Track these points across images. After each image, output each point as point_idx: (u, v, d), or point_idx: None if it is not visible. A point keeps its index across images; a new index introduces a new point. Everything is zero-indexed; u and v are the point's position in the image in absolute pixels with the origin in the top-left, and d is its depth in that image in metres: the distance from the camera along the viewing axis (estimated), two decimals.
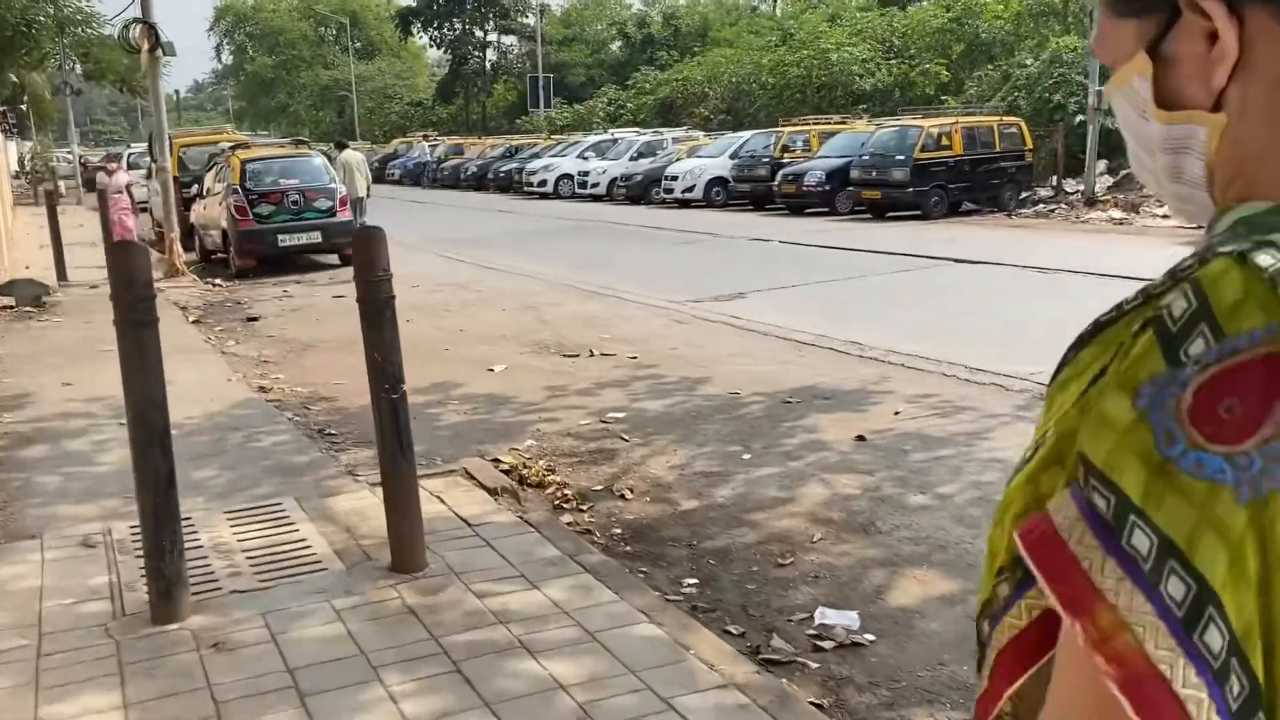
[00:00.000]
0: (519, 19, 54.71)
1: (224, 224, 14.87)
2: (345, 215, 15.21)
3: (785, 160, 22.42)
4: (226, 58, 70.89)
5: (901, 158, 18.79)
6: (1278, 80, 0.66)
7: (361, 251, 3.94)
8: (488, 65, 56.23)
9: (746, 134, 25.71)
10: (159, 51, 13.12)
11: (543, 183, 30.32)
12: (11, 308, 11.14)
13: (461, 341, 9.24)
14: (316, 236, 14.93)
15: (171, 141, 16.47)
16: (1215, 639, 0.57)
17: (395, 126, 58.42)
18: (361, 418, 6.76)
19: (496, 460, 5.70)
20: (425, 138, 41.69)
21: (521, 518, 4.67)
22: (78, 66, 35.85)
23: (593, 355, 8.51)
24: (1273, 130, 0.67)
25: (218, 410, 6.85)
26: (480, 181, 35.38)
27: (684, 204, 24.80)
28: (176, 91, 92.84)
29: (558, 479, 5.48)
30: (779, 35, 37.25)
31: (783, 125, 24.15)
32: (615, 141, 30.86)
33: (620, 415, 6.63)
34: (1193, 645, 0.57)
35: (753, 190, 23.08)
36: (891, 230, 17.31)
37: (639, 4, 54.77)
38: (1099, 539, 0.60)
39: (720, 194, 24.31)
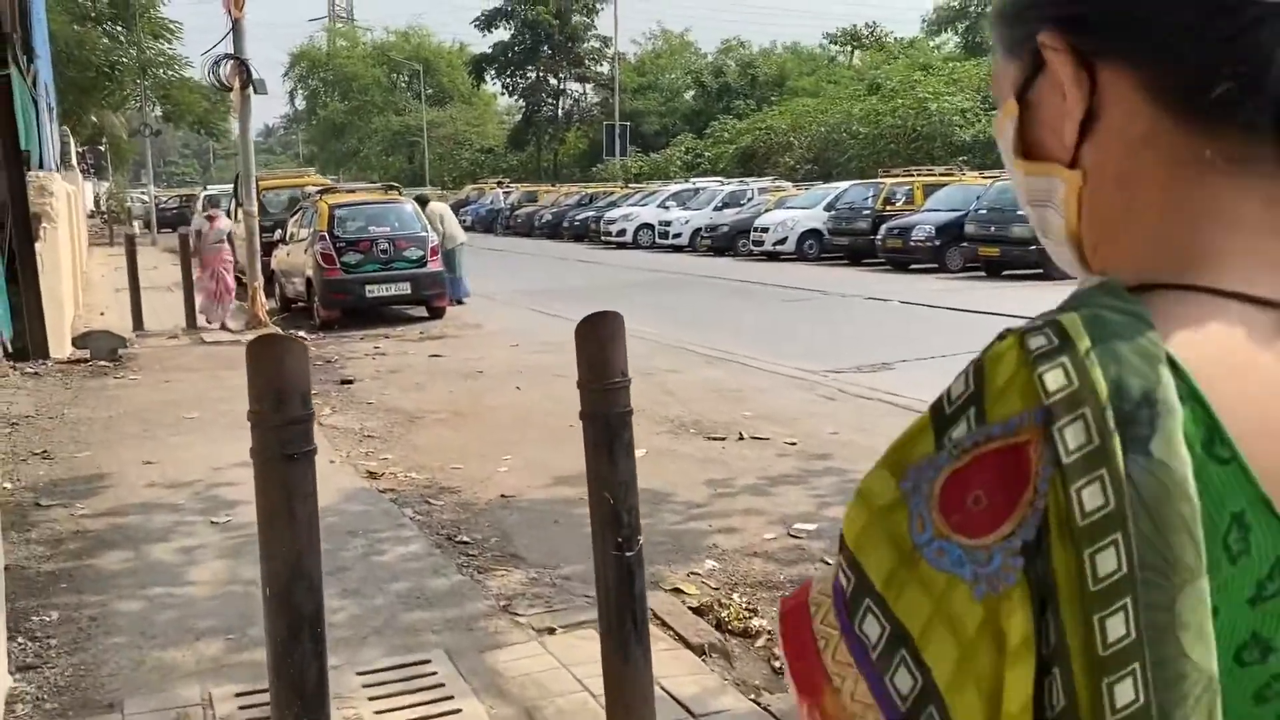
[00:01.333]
0: (593, 67, 54.45)
1: (309, 272, 13.99)
2: (436, 265, 14.27)
3: (887, 213, 21.21)
4: (300, 102, 71.62)
5: (1024, 213, 17.43)
6: (1130, 141, 0.62)
7: (590, 345, 2.81)
8: (560, 113, 55.91)
9: (843, 185, 24.57)
10: (250, 89, 12.33)
11: (621, 232, 29.43)
12: (87, 361, 10.25)
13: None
14: (406, 288, 14.00)
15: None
16: None
17: (464, 173, 58.28)
18: (493, 518, 5.64)
19: (678, 590, 4.53)
20: (499, 184, 41.16)
21: (755, 701, 3.45)
22: (157, 108, 35.88)
23: (742, 438, 7.31)
24: (1128, 196, 0.62)
25: (328, 504, 5.73)
26: (555, 230, 34.64)
27: (773, 256, 23.66)
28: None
29: (763, 624, 4.28)
30: (865, 85, 36.24)
31: (883, 176, 22.95)
32: (697, 191, 29.92)
33: (811, 527, 5.40)
34: None
35: (851, 244, 21.88)
36: (1018, 290, 15.95)
37: (714, 53, 54.21)
38: (839, 620, 0.59)
39: (814, 247, 23.14)
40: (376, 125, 64.51)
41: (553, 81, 55.35)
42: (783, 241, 23.28)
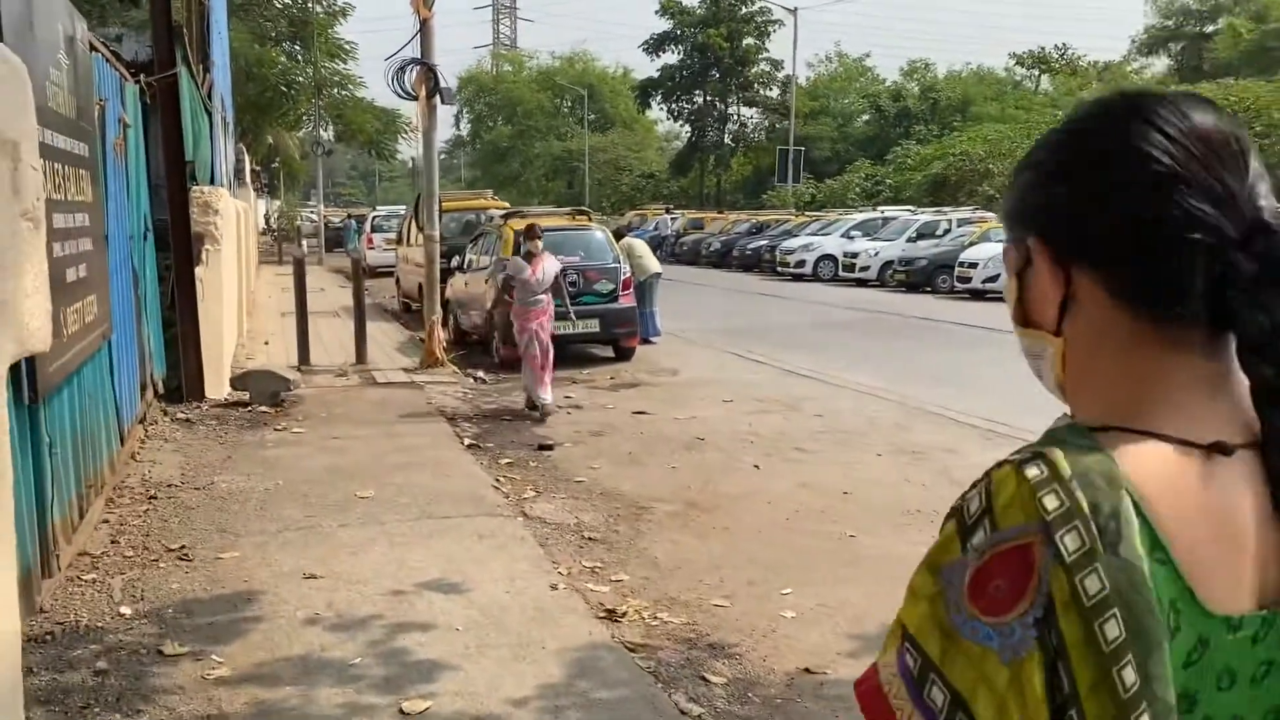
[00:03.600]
0: (762, 91, 52.56)
1: (489, 305, 12.44)
2: (628, 300, 12.52)
3: None
4: (465, 126, 72.26)
5: None
6: (1095, 322, 0.86)
7: None
8: (726, 138, 54.19)
9: None
10: (437, 98, 10.86)
11: (800, 263, 27.34)
12: (246, 406, 8.84)
13: (858, 517, 6.07)
14: (595, 325, 12.28)
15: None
16: None
17: (624, 198, 57.21)
18: (800, 710, 3.68)
19: None
20: (666, 210, 39.63)
21: None
22: (330, 128, 35.83)
23: None
24: (1089, 361, 0.87)
25: (559, 673, 3.89)
26: (722, 258, 32.79)
27: (979, 295, 21.12)
28: (412, 159, 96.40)
29: None
30: (1064, 111, 33.09)
31: None
32: (885, 221, 27.56)
33: None
34: None
35: None
36: None
37: (894, 77, 51.63)
38: (909, 693, 0.79)
39: None
40: (539, 150, 64.29)
41: (720, 106, 53.68)
42: (995, 279, 20.70)
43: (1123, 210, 0.83)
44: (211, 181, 11.94)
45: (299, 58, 32.51)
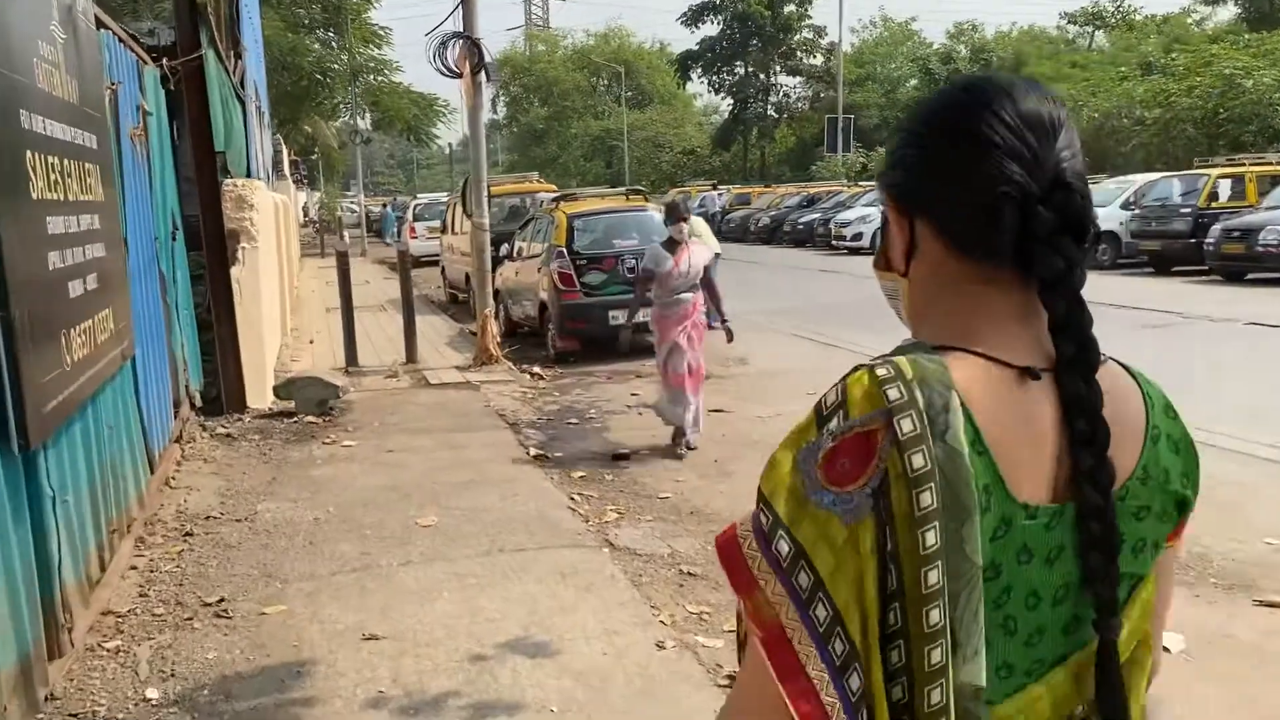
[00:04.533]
0: (806, 59, 51.11)
1: (542, 294, 11.67)
2: None
3: (1214, 211, 17.25)
4: (501, 109, 71.47)
5: None
6: (932, 265, 1.04)
7: None
8: (770, 109, 52.83)
9: (1138, 178, 20.58)
10: (483, 74, 10.05)
11: (857, 236, 26.23)
12: (291, 416, 8.13)
13: None
14: None
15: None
16: (822, 612, 0.90)
17: (664, 176, 56.12)
18: None
19: None
20: (713, 186, 38.59)
21: None
22: (367, 115, 35.22)
23: None
24: (928, 297, 1.06)
25: None
26: (772, 234, 31.78)
27: None
28: (450, 145, 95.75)
29: None
30: (1130, 66, 31.55)
31: (1200, 166, 18.90)
32: None
33: None
34: (808, 616, 0.90)
35: (1163, 249, 18.00)
36: None
37: (942, 40, 49.88)
38: (759, 544, 0.93)
39: (1108, 253, 19.35)
40: (576, 130, 63.32)
41: (762, 76, 52.28)
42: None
43: (951, 170, 1.01)
44: (248, 174, 11.26)
45: (333, 45, 31.87)
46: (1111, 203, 19.81)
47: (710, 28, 52.96)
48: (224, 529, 5.51)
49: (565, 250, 11.34)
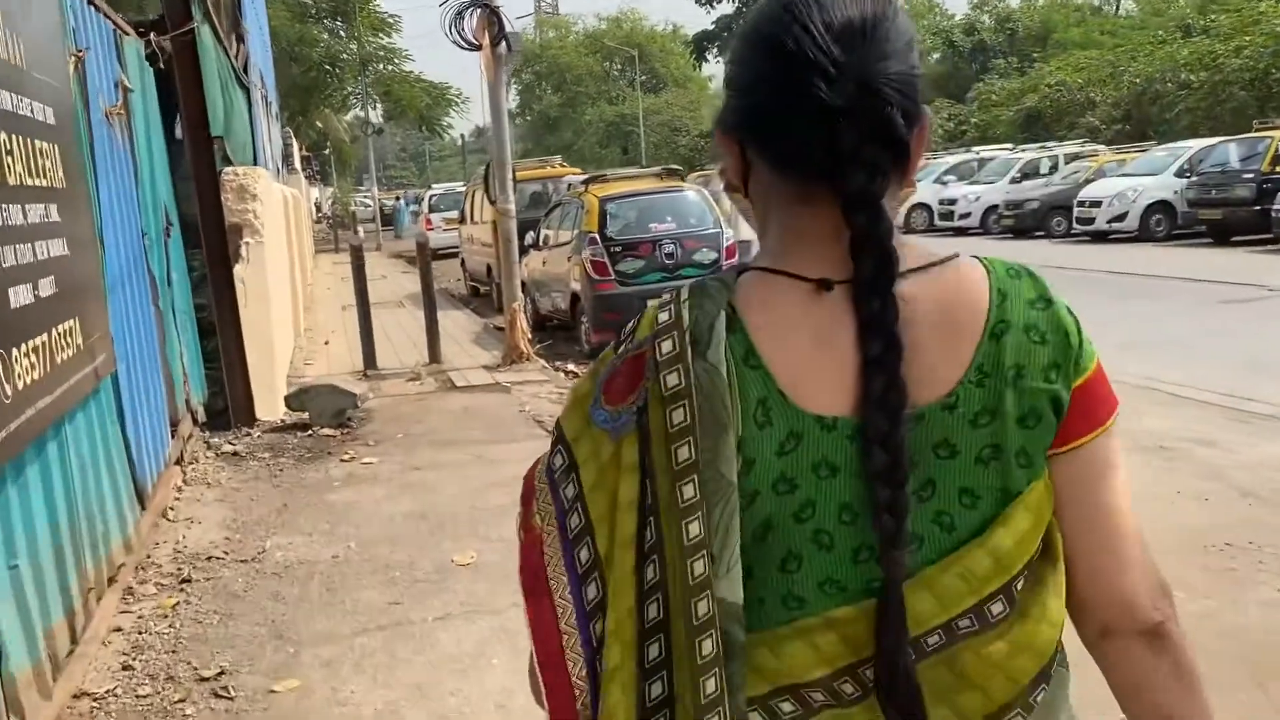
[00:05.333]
0: None
1: (574, 285, 10.82)
2: None
3: (1275, 176, 16.21)
4: (514, 98, 70.53)
5: None
6: (762, 184, 1.01)
7: None
8: None
9: (1193, 143, 19.51)
10: (503, 45, 9.18)
11: (965, 214, 25.23)
12: (305, 429, 7.31)
13: (1159, 560, 4.30)
14: None
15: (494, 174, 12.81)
16: (575, 521, 0.98)
17: (682, 160, 55.08)
18: None
19: None
20: None
21: None
22: (379, 106, 34.38)
23: None
24: (762, 216, 1.03)
25: None
26: None
27: (1101, 236, 19.02)
28: (462, 136, 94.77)
29: None
30: (1170, 28, 30.29)
31: (1260, 129, 17.85)
32: (982, 162, 25.33)
33: None
34: (564, 523, 0.98)
35: (1225, 218, 16.96)
36: None
37: (963, 10, 48.52)
38: (546, 460, 1.02)
39: (1162, 223, 18.36)
40: (590, 116, 62.30)
41: None
42: (1121, 218, 18.59)
43: (757, 84, 0.97)
44: (255, 164, 10.44)
45: (341, 34, 31.03)
46: (1164, 170, 18.79)
47: (726, 6, 51.76)
48: (227, 572, 4.69)
49: (598, 236, 10.49)
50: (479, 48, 9.34)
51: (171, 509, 5.55)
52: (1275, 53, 23.59)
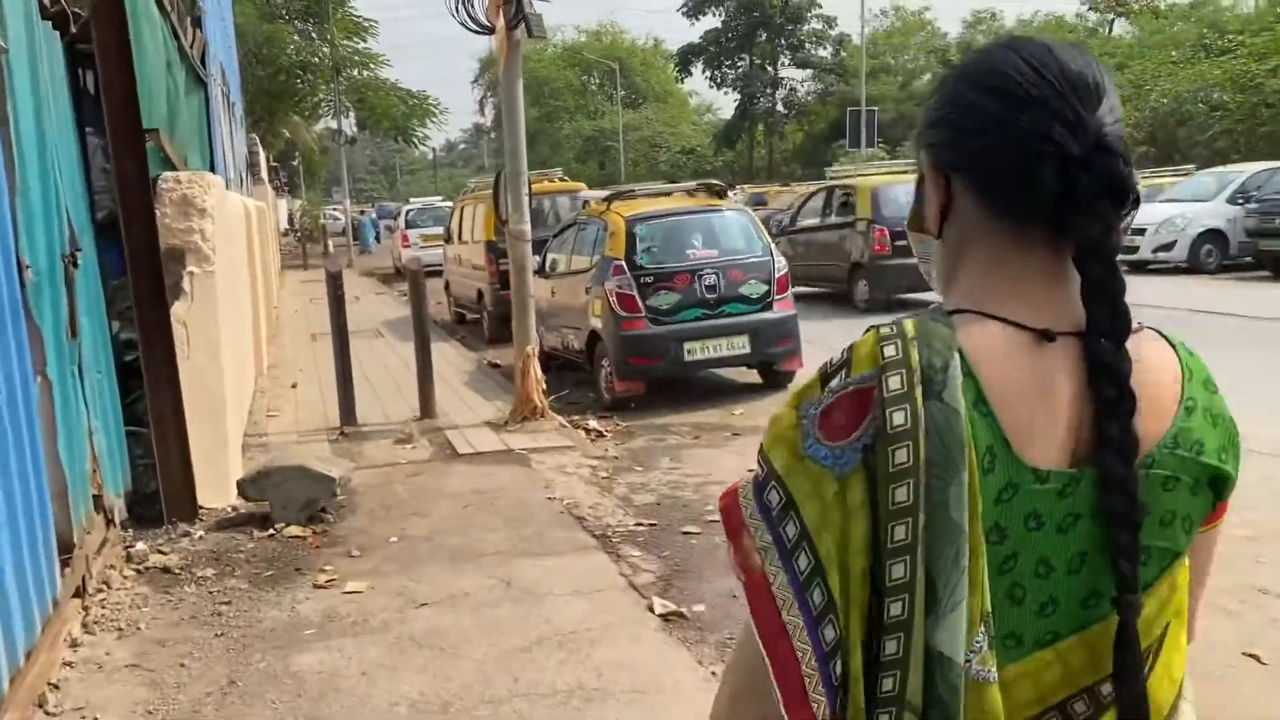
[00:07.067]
0: (815, 51, 48.42)
1: (594, 322, 8.98)
2: (786, 308, 9.00)
3: None
4: (489, 111, 68.61)
5: None
6: (965, 224, 1.03)
7: None
8: (778, 105, 50.09)
9: (1253, 167, 18.00)
10: (522, 28, 7.36)
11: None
12: (264, 525, 5.42)
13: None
14: (742, 344, 8.78)
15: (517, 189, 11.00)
16: (804, 562, 0.93)
17: (663, 177, 53.46)
18: None
19: None
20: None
21: None
22: (352, 114, 32.37)
23: None
24: (958, 259, 1.04)
25: None
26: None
27: (1142, 267, 17.44)
28: (433, 150, 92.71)
29: None
30: (1185, 47, 28.99)
31: None
32: None
33: None
34: (790, 565, 0.94)
35: None
36: None
37: (959, 30, 47.29)
38: (754, 493, 0.98)
39: (1213, 255, 16.82)
40: (568, 131, 60.59)
41: (770, 69, 49.53)
42: (1168, 246, 17.01)
43: (991, 127, 0.98)
44: (213, 170, 8.56)
45: (313, 36, 29.05)
46: (1213, 197, 17.26)
47: (712, 19, 50.28)
48: None
49: (624, 264, 8.67)
50: (492, 30, 7.53)
51: (56, 687, 3.64)
52: None
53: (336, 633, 4.15)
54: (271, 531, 5.38)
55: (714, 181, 10.32)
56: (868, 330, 0.96)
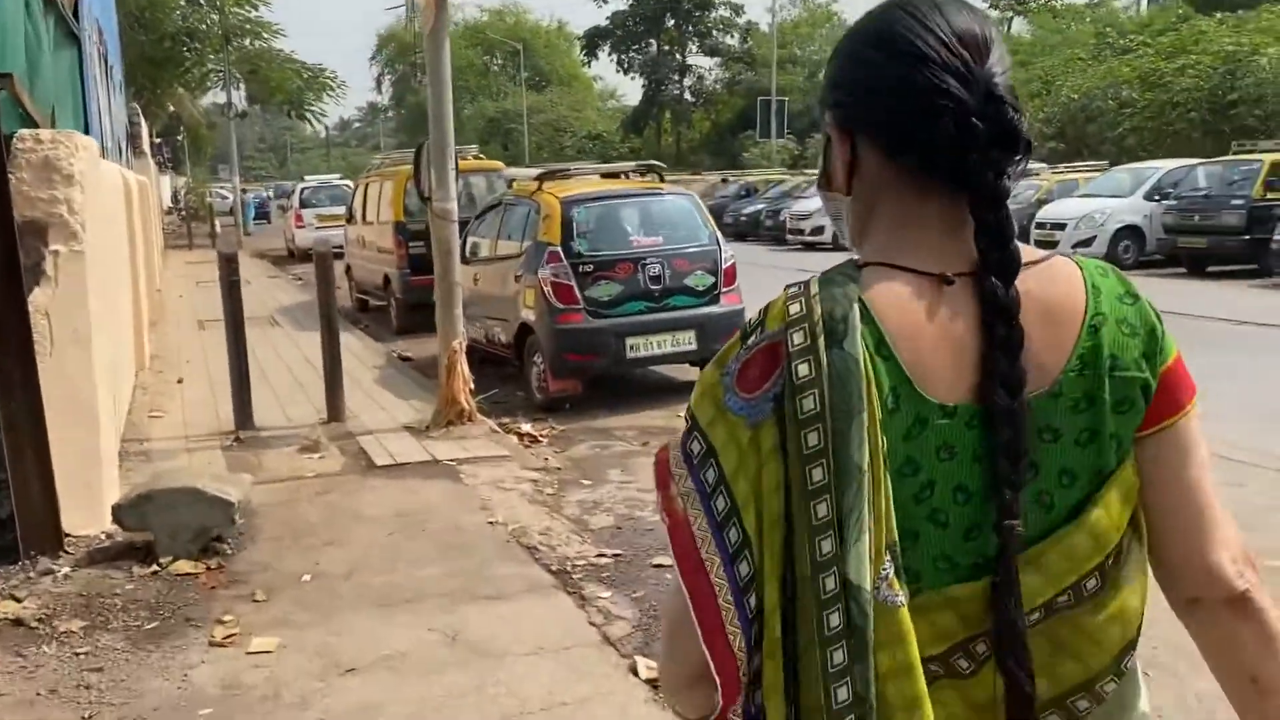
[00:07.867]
0: (723, 39, 47.93)
1: (524, 314, 8.14)
2: (734, 301, 8.31)
3: (1267, 203, 14.80)
4: (386, 90, 66.49)
5: None
6: (870, 179, 1.06)
7: None
8: (686, 92, 49.45)
9: (1169, 164, 18.07)
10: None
11: (818, 229, 23.43)
12: (146, 559, 4.47)
13: None
14: (689, 341, 8.06)
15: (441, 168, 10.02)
16: (721, 504, 0.98)
17: (568, 161, 52.52)
18: None
19: None
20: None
21: None
22: (243, 86, 30.55)
23: None
24: (866, 213, 1.08)
25: None
26: None
27: None
28: (326, 128, 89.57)
29: None
30: (1089, 46, 29.35)
31: (1237, 151, 16.51)
32: None
33: None
34: (710, 506, 0.98)
35: (1209, 247, 15.49)
36: None
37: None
38: (680, 444, 1.02)
39: (1130, 251, 16.82)
40: (470, 112, 59.02)
41: (679, 56, 48.87)
42: (1088, 242, 16.93)
43: (888, 84, 1.02)
44: (87, 133, 7.41)
45: (200, 2, 27.21)
46: (1130, 193, 17.28)
47: (619, 2, 49.43)
48: None
49: (561, 251, 7.85)
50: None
51: None
52: (1226, 72, 22.64)
53: (241, 712, 3.27)
54: (155, 568, 4.43)
55: (656, 164, 9.56)
56: (787, 289, 1.02)
